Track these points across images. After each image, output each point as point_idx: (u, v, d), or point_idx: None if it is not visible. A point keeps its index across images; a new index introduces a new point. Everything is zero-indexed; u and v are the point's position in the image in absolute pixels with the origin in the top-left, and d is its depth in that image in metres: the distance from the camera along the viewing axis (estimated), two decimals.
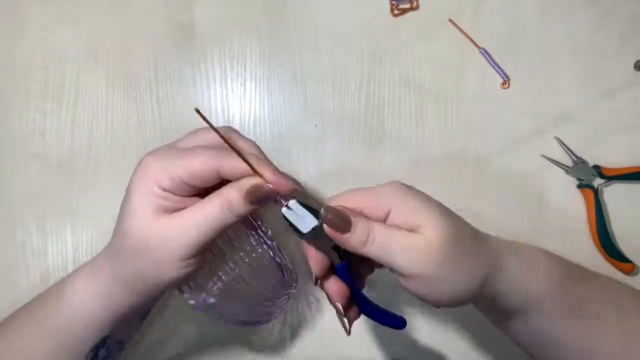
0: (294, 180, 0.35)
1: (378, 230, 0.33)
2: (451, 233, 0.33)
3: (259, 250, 0.39)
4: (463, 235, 0.34)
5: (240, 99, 0.54)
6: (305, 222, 0.34)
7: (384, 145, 0.53)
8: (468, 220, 0.36)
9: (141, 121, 0.54)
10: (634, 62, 0.52)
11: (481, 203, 0.52)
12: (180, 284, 0.36)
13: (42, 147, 0.53)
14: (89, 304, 0.36)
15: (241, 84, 0.54)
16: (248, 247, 0.39)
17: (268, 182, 0.33)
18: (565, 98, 0.53)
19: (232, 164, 0.33)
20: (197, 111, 0.31)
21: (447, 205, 0.36)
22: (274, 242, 0.41)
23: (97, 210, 0.53)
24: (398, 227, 0.33)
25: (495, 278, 0.35)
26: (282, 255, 0.41)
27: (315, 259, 0.35)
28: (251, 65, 0.54)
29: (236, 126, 0.53)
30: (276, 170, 0.34)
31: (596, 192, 0.50)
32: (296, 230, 0.35)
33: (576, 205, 0.52)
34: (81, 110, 0.54)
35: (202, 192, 0.35)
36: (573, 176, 0.51)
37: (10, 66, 0.54)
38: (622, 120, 0.52)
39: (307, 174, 0.53)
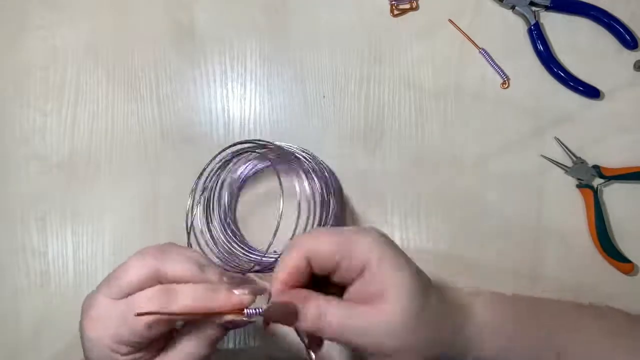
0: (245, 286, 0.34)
1: (332, 314, 0.32)
2: (416, 306, 0.32)
3: None
4: (428, 304, 0.33)
5: (240, 99, 0.54)
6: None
7: (384, 145, 0.53)
8: (467, 220, 0.36)
9: (141, 121, 0.54)
10: (633, 62, 0.52)
11: (480, 203, 0.52)
12: None
13: (42, 147, 0.53)
14: None
15: (241, 84, 0.54)
16: None
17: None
18: (565, 98, 0.53)
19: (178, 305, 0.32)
20: None
21: (447, 205, 0.36)
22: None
23: (97, 210, 0.52)
24: (356, 303, 0.32)
25: (463, 331, 0.35)
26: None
27: None
28: (251, 65, 0.54)
29: (236, 126, 0.54)
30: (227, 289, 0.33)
31: (596, 192, 0.50)
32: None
33: (575, 205, 0.52)
34: (81, 110, 0.54)
35: None
36: (572, 176, 0.51)
37: (10, 66, 0.55)
38: (622, 120, 0.52)
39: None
